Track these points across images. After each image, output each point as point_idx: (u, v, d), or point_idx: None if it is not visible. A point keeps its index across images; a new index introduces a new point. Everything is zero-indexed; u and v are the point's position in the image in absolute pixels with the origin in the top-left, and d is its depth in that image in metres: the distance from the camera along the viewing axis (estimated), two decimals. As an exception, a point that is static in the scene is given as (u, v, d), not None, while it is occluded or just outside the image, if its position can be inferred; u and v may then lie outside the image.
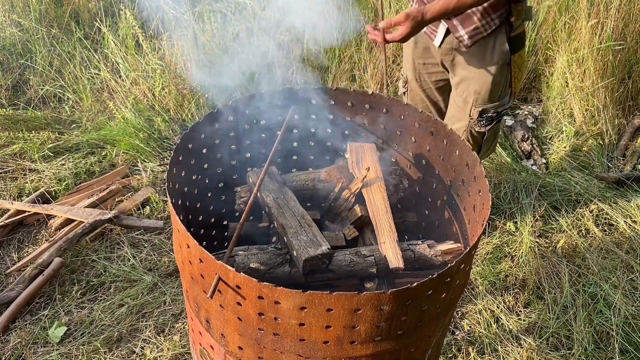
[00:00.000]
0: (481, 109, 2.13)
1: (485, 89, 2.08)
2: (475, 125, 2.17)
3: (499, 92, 2.11)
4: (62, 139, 3.30)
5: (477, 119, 2.15)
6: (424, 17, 1.77)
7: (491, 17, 1.94)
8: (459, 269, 1.21)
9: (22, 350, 2.19)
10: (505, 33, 1.99)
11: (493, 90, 2.09)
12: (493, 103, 2.13)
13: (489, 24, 1.96)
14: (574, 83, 3.59)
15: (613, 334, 2.33)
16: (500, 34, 1.99)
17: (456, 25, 1.99)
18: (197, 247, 1.16)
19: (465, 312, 2.44)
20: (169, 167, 1.41)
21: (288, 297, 1.09)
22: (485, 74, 2.06)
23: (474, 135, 2.23)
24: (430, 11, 1.77)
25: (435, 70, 2.27)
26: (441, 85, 2.32)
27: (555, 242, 2.80)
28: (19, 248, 2.66)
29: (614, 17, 3.51)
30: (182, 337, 2.27)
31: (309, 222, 1.43)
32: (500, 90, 2.11)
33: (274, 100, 1.69)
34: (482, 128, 2.17)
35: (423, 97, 2.37)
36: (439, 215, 1.75)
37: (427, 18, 1.77)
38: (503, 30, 1.98)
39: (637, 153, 3.39)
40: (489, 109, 2.14)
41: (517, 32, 2.00)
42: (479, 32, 1.98)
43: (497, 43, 2.00)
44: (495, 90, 2.10)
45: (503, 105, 2.17)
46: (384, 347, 1.22)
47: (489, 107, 2.13)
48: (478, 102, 2.12)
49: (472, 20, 1.96)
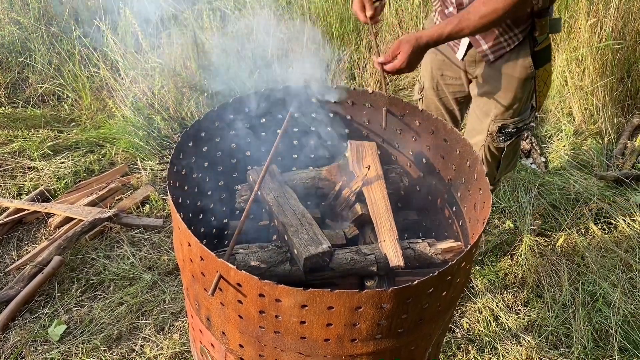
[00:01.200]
0: (500, 124, 2.05)
1: (506, 104, 2.02)
2: (494, 141, 2.09)
3: (520, 108, 2.04)
4: (61, 137, 3.29)
5: (496, 134, 2.08)
6: (419, 42, 1.71)
7: (514, 32, 1.88)
8: (460, 267, 1.21)
9: (21, 349, 2.19)
10: (529, 48, 1.92)
11: (514, 105, 2.02)
12: (513, 119, 2.05)
13: (511, 39, 1.89)
14: (573, 82, 3.60)
15: (612, 332, 2.34)
16: (524, 49, 1.92)
17: (478, 39, 1.94)
18: (198, 244, 1.16)
19: (464, 311, 2.44)
20: (170, 165, 1.41)
21: (289, 294, 1.09)
22: (507, 89, 1.99)
23: (492, 150, 2.15)
24: (426, 36, 1.72)
25: (454, 83, 2.20)
26: (459, 97, 2.26)
27: (555, 240, 2.80)
28: (18, 246, 2.65)
29: (613, 16, 3.52)
30: (182, 336, 2.27)
31: (310, 220, 1.43)
32: (521, 105, 2.04)
33: (274, 99, 1.70)
34: (500, 144, 2.10)
35: (439, 105, 2.30)
36: (439, 214, 1.75)
37: (422, 42, 1.71)
38: (527, 45, 1.92)
39: (636, 152, 3.40)
40: (509, 124, 2.06)
41: (542, 46, 1.94)
42: (502, 47, 1.92)
43: (521, 58, 1.93)
44: (516, 106, 2.02)
45: (523, 121, 2.08)
46: (385, 345, 1.22)
47: (508, 122, 2.05)
48: (498, 117, 2.05)
49: (493, 34, 1.90)
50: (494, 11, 1.66)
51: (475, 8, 1.68)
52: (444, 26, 1.71)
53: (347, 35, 3.87)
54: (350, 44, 3.85)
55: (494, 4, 1.65)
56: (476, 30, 1.72)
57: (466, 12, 1.70)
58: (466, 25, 1.70)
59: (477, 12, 1.68)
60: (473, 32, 1.73)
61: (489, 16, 1.67)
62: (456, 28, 1.71)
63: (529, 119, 2.11)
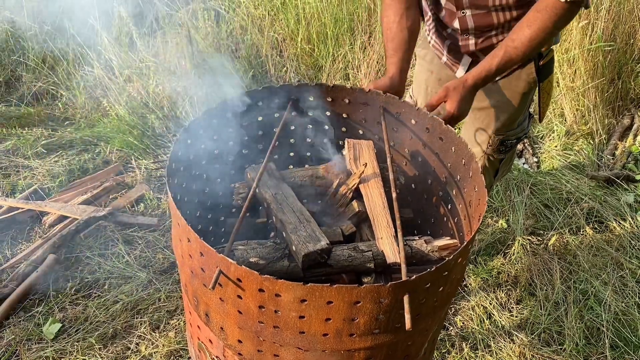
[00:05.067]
0: (502, 137, 2.03)
1: (507, 118, 1.98)
2: (495, 153, 2.07)
3: (521, 120, 2.03)
4: (55, 136, 3.28)
5: (497, 146, 2.05)
6: (466, 86, 1.62)
7: None
8: (457, 262, 1.23)
9: (16, 347, 2.18)
10: (534, 63, 1.88)
11: (516, 119, 2.00)
12: (514, 130, 2.03)
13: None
14: (565, 83, 3.64)
15: (603, 330, 2.37)
16: (528, 64, 1.88)
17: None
18: (198, 240, 1.17)
19: (458, 309, 2.47)
20: (169, 162, 1.41)
21: (289, 289, 1.10)
22: (509, 104, 1.95)
23: (491, 160, 2.12)
24: (471, 78, 1.62)
25: None
26: None
27: (547, 239, 2.83)
28: (12, 245, 2.64)
29: (604, 19, 3.56)
30: (177, 334, 2.27)
31: (308, 217, 1.44)
32: (522, 117, 2.03)
33: (270, 97, 1.71)
34: (501, 155, 2.09)
35: None
36: (434, 212, 1.77)
37: (469, 86, 1.62)
38: (532, 60, 1.87)
39: (627, 152, 3.44)
40: (511, 137, 2.04)
41: (547, 59, 1.90)
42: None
43: (525, 73, 1.89)
44: (518, 119, 2.01)
45: (523, 131, 2.08)
46: (382, 339, 1.23)
47: (510, 134, 2.03)
48: (499, 130, 2.02)
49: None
50: (543, 30, 1.54)
51: (520, 33, 1.57)
52: (489, 62, 1.62)
53: (341, 35, 3.89)
54: (345, 44, 3.87)
55: (540, 23, 1.53)
56: (526, 56, 1.61)
57: (510, 40, 1.59)
58: (515, 54, 1.59)
59: (523, 36, 1.57)
60: (523, 58, 1.62)
61: (538, 37, 1.56)
62: (504, 60, 1.60)
63: (528, 127, 2.09)
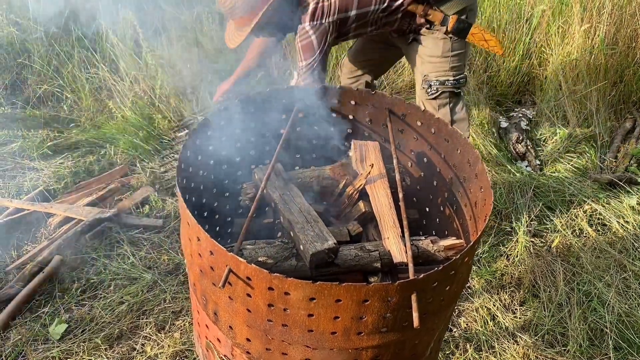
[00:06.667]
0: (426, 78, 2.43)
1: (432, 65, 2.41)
2: (425, 94, 2.45)
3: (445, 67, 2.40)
4: (61, 138, 3.30)
5: (422, 86, 2.45)
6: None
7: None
8: (463, 262, 1.24)
9: (22, 347, 2.20)
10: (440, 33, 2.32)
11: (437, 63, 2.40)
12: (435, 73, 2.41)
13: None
14: (567, 86, 3.65)
15: (607, 331, 2.38)
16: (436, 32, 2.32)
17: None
18: (208, 239, 1.18)
19: (462, 310, 2.48)
20: (179, 162, 1.43)
21: (298, 288, 1.12)
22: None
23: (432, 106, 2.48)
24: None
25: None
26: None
27: (550, 241, 2.84)
28: (18, 246, 2.66)
29: (606, 22, 3.58)
30: (183, 334, 2.28)
31: (315, 217, 1.46)
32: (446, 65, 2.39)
33: (278, 99, 1.72)
34: (430, 97, 2.44)
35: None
36: (439, 212, 1.78)
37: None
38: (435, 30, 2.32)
39: (629, 155, 3.45)
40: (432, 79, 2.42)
41: (455, 26, 2.26)
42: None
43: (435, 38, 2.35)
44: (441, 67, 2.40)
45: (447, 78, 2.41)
46: (390, 338, 1.24)
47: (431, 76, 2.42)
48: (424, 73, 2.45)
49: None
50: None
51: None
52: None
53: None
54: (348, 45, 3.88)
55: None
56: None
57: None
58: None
59: None
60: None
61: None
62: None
63: (456, 78, 2.42)
